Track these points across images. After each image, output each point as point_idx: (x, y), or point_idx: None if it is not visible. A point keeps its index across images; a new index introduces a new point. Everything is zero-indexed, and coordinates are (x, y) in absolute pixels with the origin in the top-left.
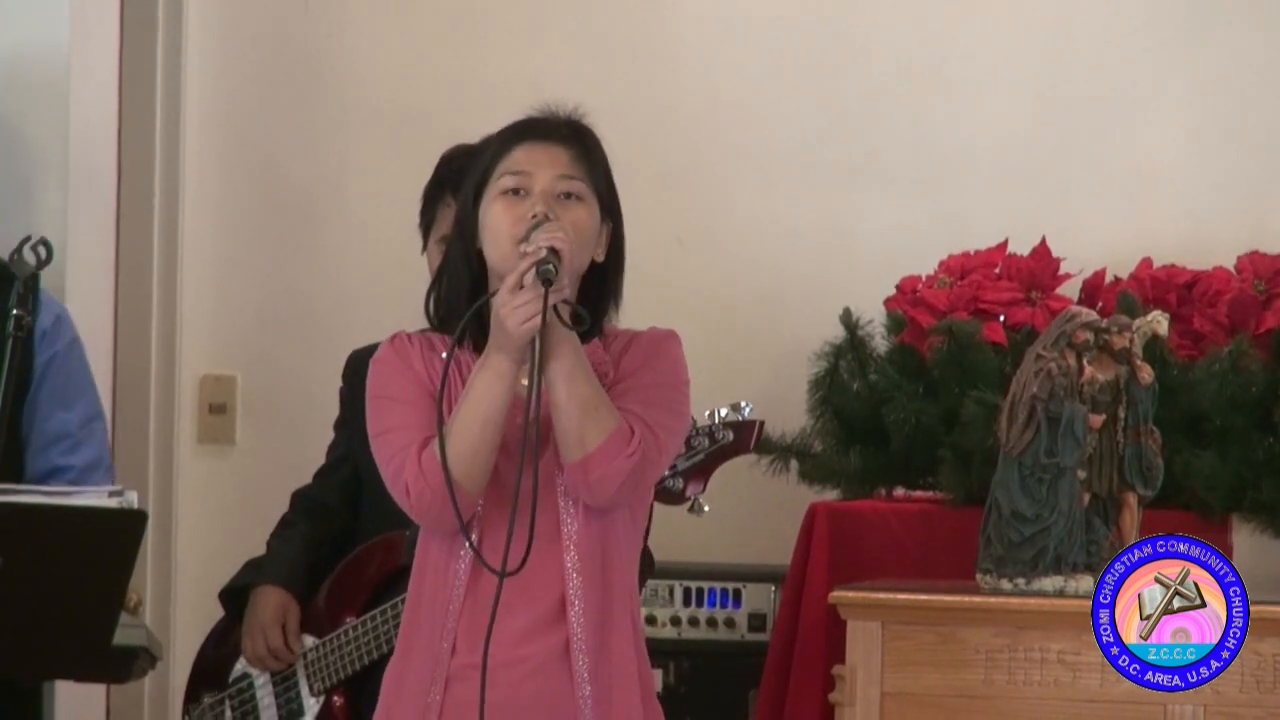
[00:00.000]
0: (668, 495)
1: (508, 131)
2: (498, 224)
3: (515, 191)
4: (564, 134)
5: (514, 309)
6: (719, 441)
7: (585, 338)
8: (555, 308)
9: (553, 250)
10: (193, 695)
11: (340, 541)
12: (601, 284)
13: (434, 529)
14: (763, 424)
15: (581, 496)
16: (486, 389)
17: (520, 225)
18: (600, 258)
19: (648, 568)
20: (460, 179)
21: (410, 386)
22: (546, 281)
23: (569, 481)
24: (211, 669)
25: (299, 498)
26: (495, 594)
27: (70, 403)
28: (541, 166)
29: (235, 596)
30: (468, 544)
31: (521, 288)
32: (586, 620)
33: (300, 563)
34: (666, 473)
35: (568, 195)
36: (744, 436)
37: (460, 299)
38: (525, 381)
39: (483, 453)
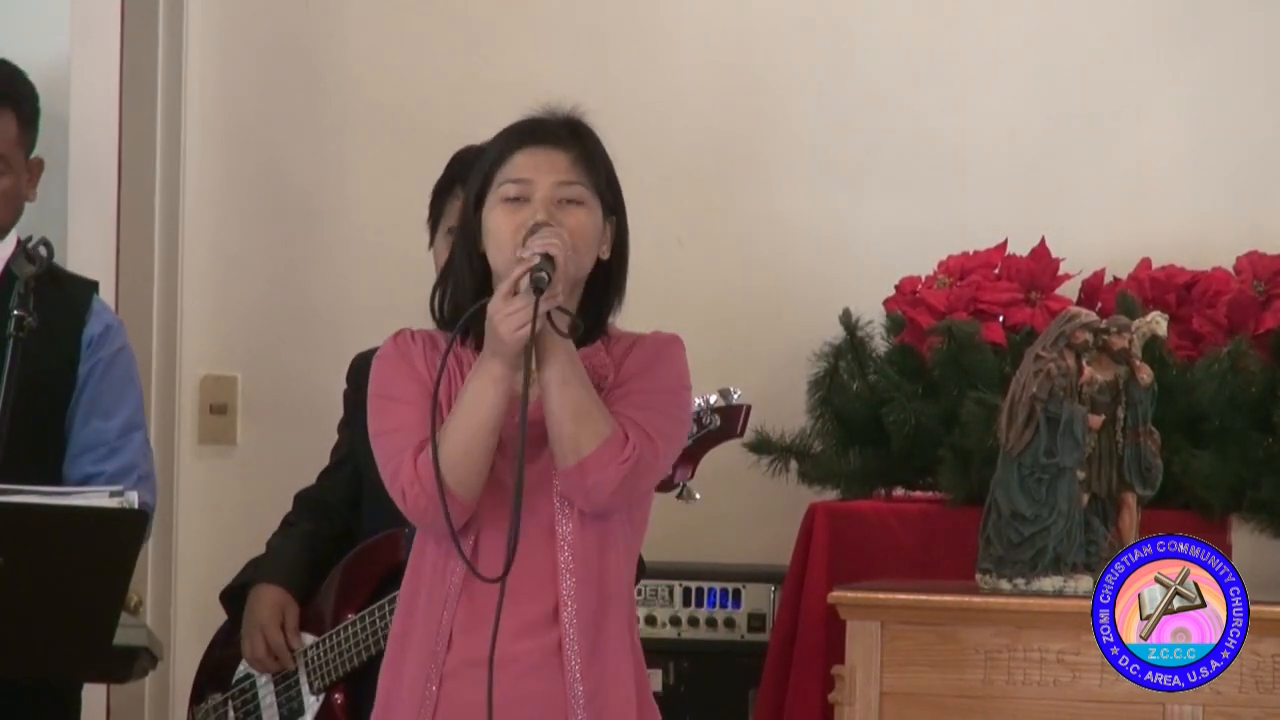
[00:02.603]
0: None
1: (508, 135)
2: (500, 231)
3: (517, 199)
4: (563, 137)
5: (506, 316)
6: (707, 427)
7: (588, 339)
8: (550, 315)
9: (547, 257)
10: (198, 696)
11: (342, 541)
12: (606, 282)
13: (429, 531)
14: (749, 408)
15: (575, 502)
16: (480, 394)
17: (521, 231)
18: (605, 255)
19: (639, 572)
20: (470, 174)
21: (411, 386)
22: (538, 289)
23: (563, 487)
24: (216, 669)
25: (301, 498)
26: (499, 597)
27: (109, 412)
28: (542, 173)
29: (235, 596)
30: (460, 555)
31: (515, 294)
32: (580, 622)
33: (300, 560)
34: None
35: (569, 201)
36: (731, 421)
37: (466, 301)
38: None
39: (476, 457)
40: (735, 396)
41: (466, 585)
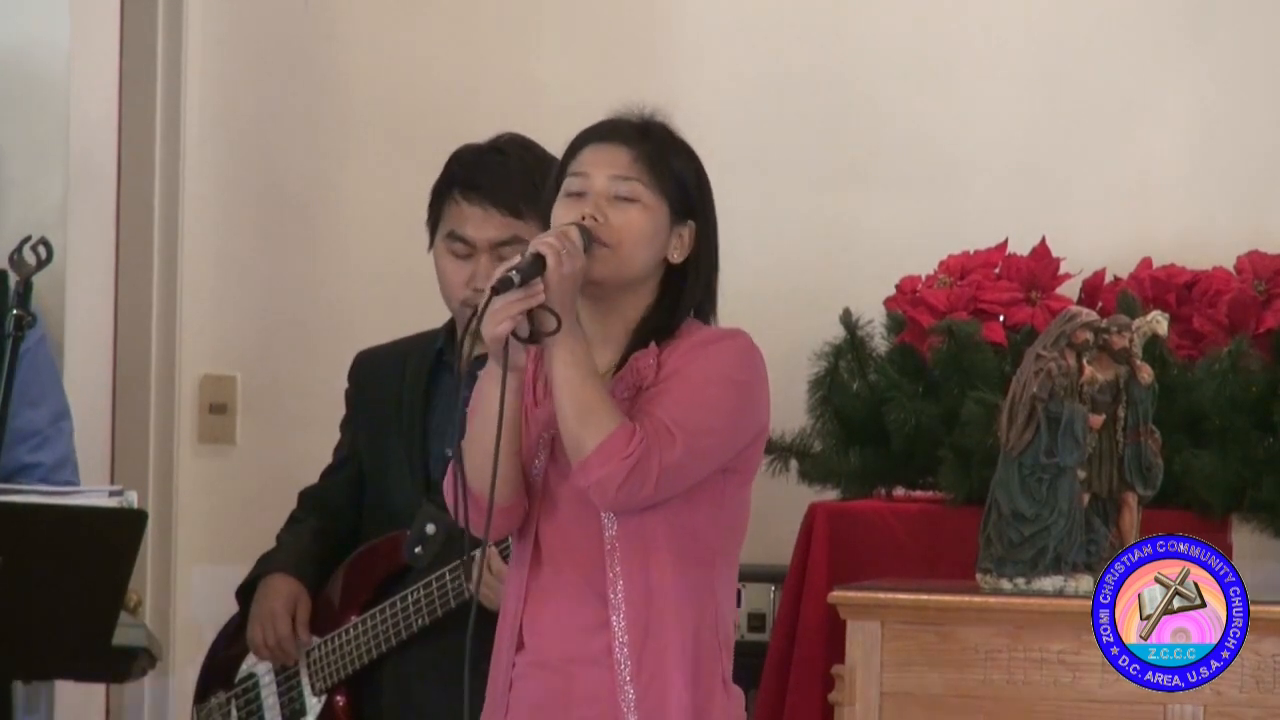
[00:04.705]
0: None
1: (581, 133)
2: (558, 225)
3: (577, 194)
4: (627, 135)
5: (488, 315)
6: None
7: (645, 340)
8: (530, 314)
9: (537, 256)
10: (202, 694)
11: (347, 540)
12: (679, 285)
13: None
14: None
15: (594, 500)
16: (485, 396)
17: None
18: (676, 258)
19: None
20: (468, 175)
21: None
22: (494, 290)
23: (579, 486)
24: (221, 668)
25: (306, 497)
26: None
27: (37, 401)
28: (599, 168)
29: (248, 592)
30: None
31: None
32: (629, 624)
33: (310, 553)
34: None
35: (622, 197)
36: None
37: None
38: (542, 385)
39: (492, 459)
40: None
41: (533, 589)
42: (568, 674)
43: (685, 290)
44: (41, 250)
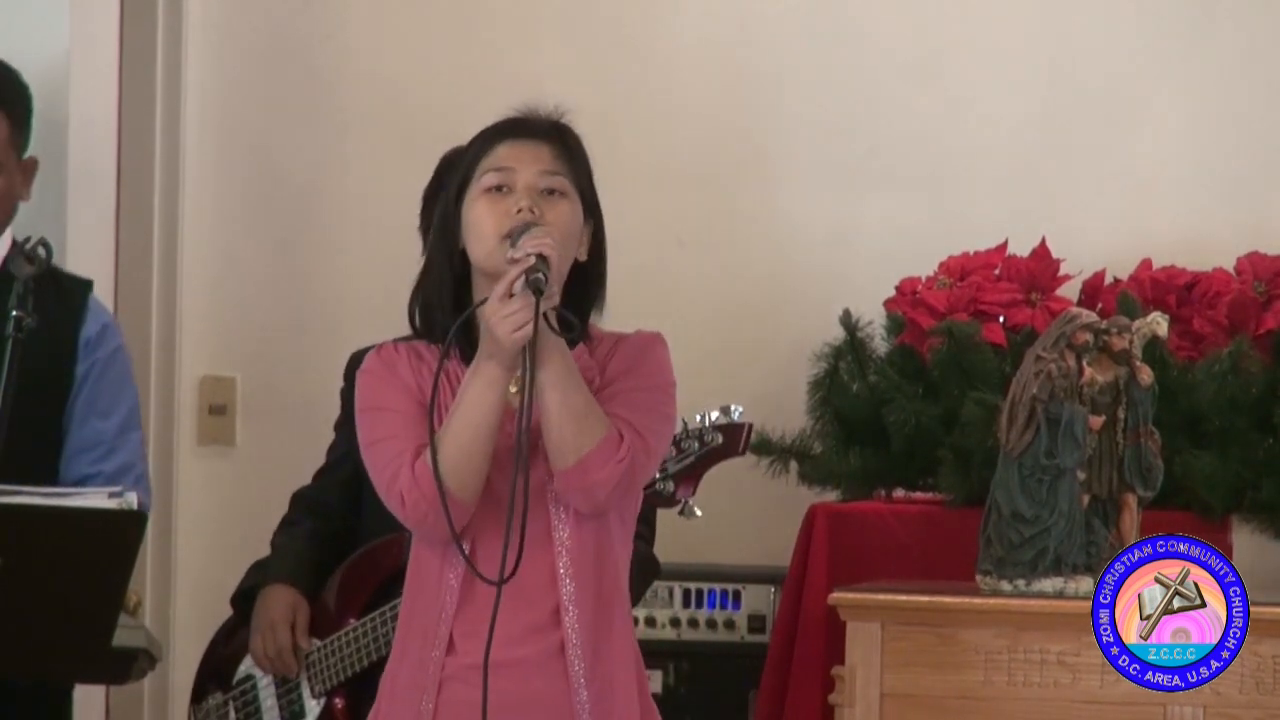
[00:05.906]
0: (658, 499)
1: (490, 130)
2: (481, 221)
3: (499, 188)
4: (546, 131)
5: (504, 317)
6: (708, 444)
7: (572, 343)
8: (545, 315)
9: (541, 257)
10: (199, 694)
11: (343, 540)
12: (585, 284)
13: (428, 538)
14: (751, 427)
15: (573, 503)
16: (479, 397)
17: (504, 221)
18: (583, 257)
19: (653, 572)
20: None
21: (400, 396)
22: (537, 290)
23: (560, 488)
24: (218, 667)
25: (299, 498)
26: (494, 602)
27: (107, 411)
28: (524, 163)
29: (244, 599)
30: (461, 555)
31: (511, 295)
32: (581, 625)
33: (307, 559)
34: (657, 475)
35: (551, 191)
36: (733, 439)
37: (444, 299)
38: (515, 389)
39: (475, 461)
40: (736, 414)
41: (466, 590)
42: (515, 675)
43: (590, 288)
44: (41, 250)
